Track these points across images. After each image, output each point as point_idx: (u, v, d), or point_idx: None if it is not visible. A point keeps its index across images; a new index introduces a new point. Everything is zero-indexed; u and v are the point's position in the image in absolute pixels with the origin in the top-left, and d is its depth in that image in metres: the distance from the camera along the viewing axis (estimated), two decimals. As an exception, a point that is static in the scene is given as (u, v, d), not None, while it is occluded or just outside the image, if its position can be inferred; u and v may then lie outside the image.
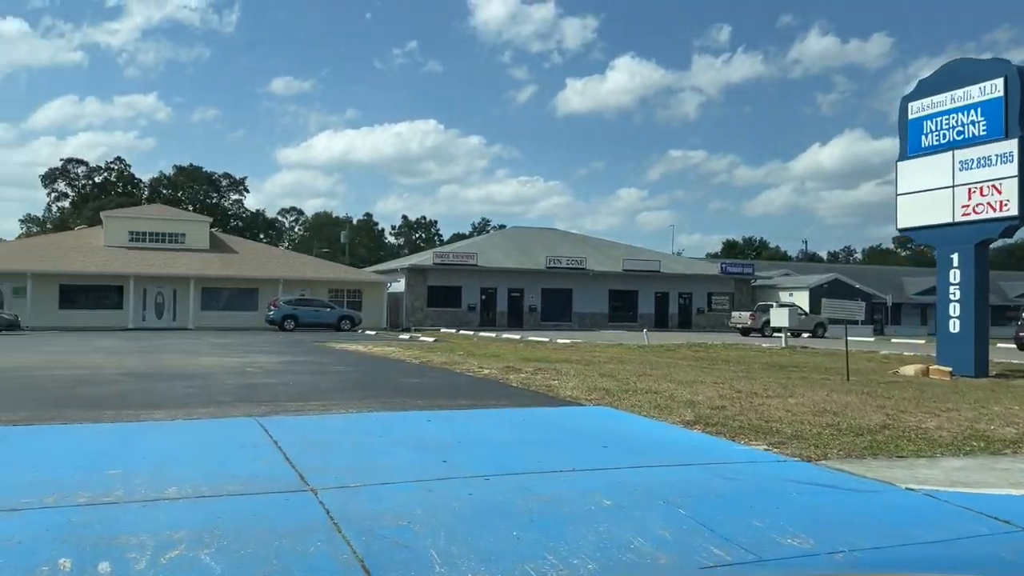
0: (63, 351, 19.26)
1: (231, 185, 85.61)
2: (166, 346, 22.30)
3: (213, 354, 18.68)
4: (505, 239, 54.46)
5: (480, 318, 47.02)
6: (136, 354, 18.14)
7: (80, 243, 42.61)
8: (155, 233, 43.51)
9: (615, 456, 6.74)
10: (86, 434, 7.11)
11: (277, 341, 27.07)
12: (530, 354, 20.63)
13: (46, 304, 38.32)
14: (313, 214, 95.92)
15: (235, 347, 22.35)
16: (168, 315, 41.28)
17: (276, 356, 18.18)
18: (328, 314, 39.95)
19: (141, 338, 28.17)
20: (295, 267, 44.78)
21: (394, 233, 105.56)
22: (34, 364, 14.58)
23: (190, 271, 40.56)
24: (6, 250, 40.65)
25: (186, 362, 15.61)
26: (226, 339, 28.25)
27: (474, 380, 12.87)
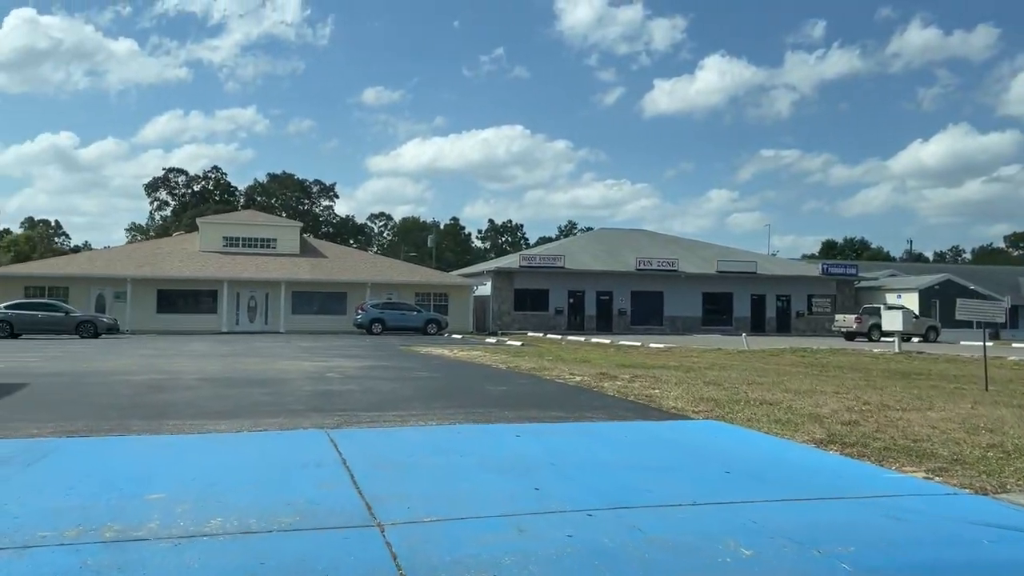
0: (151, 354, 19.21)
1: (322, 191, 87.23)
2: (252, 350, 22.12)
3: (296, 358, 18.25)
4: (593, 241, 53.19)
5: (567, 322, 45.91)
6: (220, 358, 17.87)
7: (177, 249, 43.70)
8: (248, 238, 44.23)
9: (742, 485, 5.58)
10: (139, 449, 6.42)
11: (362, 345, 26.69)
12: (623, 359, 19.42)
13: (145, 308, 39.33)
14: (401, 219, 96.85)
15: (319, 351, 21.98)
16: (260, 319, 41.80)
17: (359, 360, 17.58)
18: (415, 318, 39.62)
19: (231, 342, 28.31)
20: (382, 271, 44.74)
21: (480, 237, 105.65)
22: (117, 368, 14.34)
23: (281, 275, 40.96)
24: (108, 256, 42.02)
25: (267, 366, 15.14)
26: (313, 343, 28.08)
27: (566, 388, 11.82)
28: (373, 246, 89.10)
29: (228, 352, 20.71)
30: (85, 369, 14.03)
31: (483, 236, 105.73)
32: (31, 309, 31.72)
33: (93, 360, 16.67)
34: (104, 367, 14.64)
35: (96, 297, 39.25)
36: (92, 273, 38.49)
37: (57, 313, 31.79)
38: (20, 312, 31.36)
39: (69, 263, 40.62)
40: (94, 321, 32.04)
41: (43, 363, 15.81)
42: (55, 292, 38.36)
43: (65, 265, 40.07)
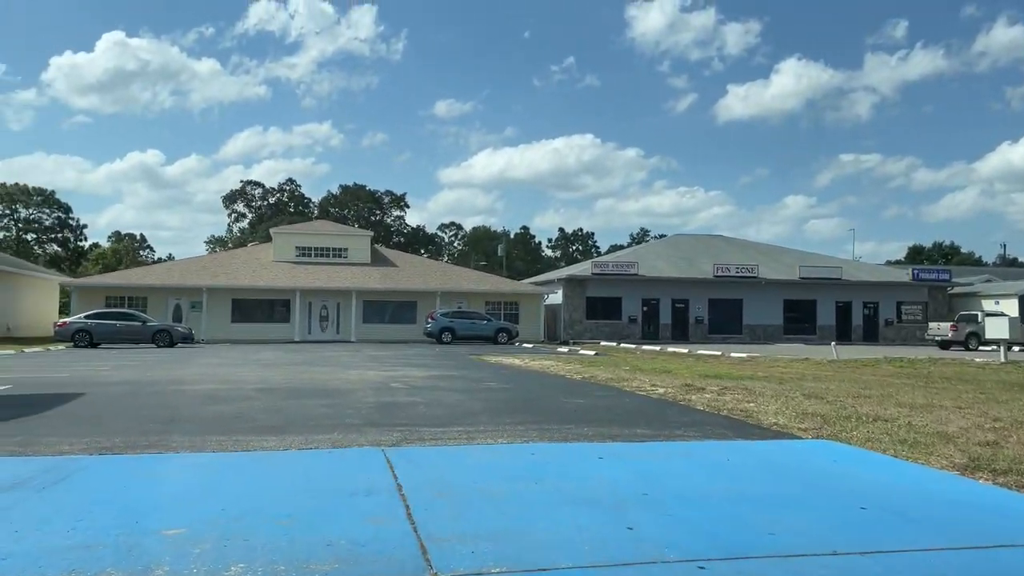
0: (218, 363, 18.91)
1: (393, 202, 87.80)
2: (320, 359, 21.68)
3: (363, 367, 17.64)
4: (667, 247, 51.63)
5: (641, 330, 44.51)
6: (285, 367, 17.39)
7: (251, 259, 44.14)
8: (319, 248, 44.37)
9: (887, 526, 4.47)
10: (171, 470, 5.69)
11: (431, 354, 26.05)
12: (706, 369, 18.17)
13: (220, 318, 39.73)
14: (471, 228, 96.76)
15: (387, 360, 21.39)
16: (332, 328, 41.78)
17: (426, 370, 16.85)
18: (485, 326, 38.94)
19: (301, 351, 28.08)
20: (453, 279, 44.25)
21: (551, 246, 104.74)
22: (180, 378, 13.92)
23: (352, 284, 40.87)
24: (185, 267, 42.71)
25: (331, 376, 14.51)
26: (382, 351, 27.61)
27: (649, 401, 10.74)
28: (444, 256, 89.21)
29: (295, 361, 20.29)
30: (148, 379, 13.65)
31: (553, 245, 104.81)
32: (110, 319, 32.23)
33: (160, 369, 16.39)
34: (167, 377, 14.25)
35: (173, 307, 39.85)
36: (169, 283, 39.11)
37: (134, 323, 32.21)
38: (99, 322, 31.88)
39: (147, 274, 41.43)
40: (170, 330, 32.36)
41: (110, 372, 15.57)
42: (134, 302, 39.10)
43: (144, 276, 40.86)
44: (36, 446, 6.33)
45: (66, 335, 31.43)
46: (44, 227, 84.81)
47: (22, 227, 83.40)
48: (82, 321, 31.96)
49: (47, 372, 15.53)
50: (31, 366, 18.27)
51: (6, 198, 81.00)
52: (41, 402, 9.45)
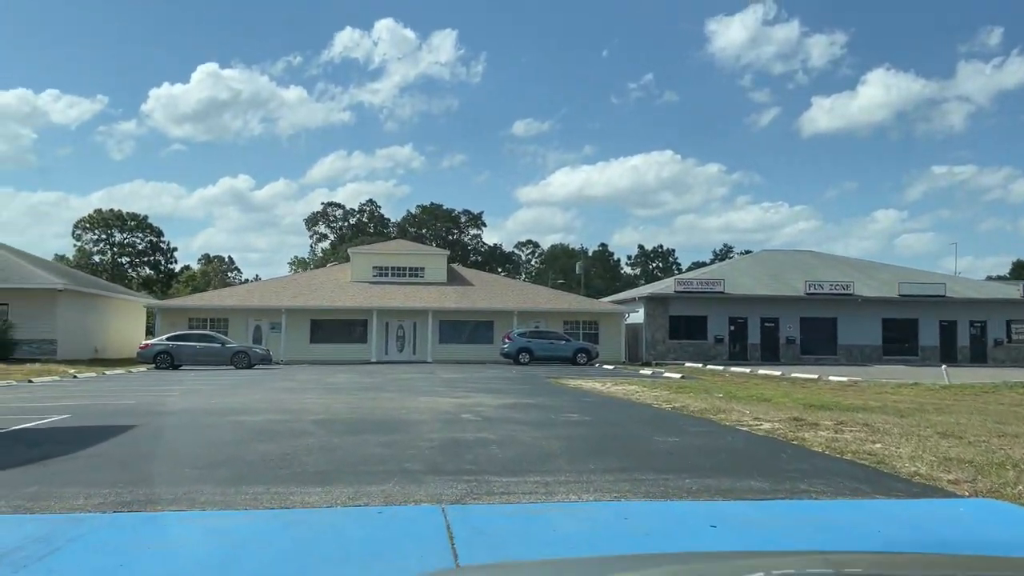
0: (287, 388, 18.28)
1: (470, 221, 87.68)
2: (392, 382, 20.86)
3: (435, 393, 16.67)
4: (755, 264, 49.36)
5: (728, 351, 42.45)
6: (354, 393, 16.56)
7: (329, 279, 44.16)
8: (396, 268, 44.05)
9: None
10: (187, 537, 4.71)
11: (508, 377, 24.98)
12: (808, 397, 16.48)
13: (298, 339, 39.71)
14: (549, 246, 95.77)
15: (461, 384, 20.40)
16: (408, 348, 41.27)
17: (501, 396, 15.74)
18: (563, 347, 37.70)
19: (375, 373, 27.43)
20: (530, 298, 43.21)
21: (630, 263, 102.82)
22: (241, 406, 13.19)
23: (428, 304, 40.30)
24: (265, 288, 43.01)
25: (399, 404, 13.56)
26: (457, 374, 26.70)
27: (755, 440, 9.33)
28: (521, 274, 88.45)
29: (367, 385, 19.51)
30: (209, 407, 12.98)
31: (633, 262, 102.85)
32: (190, 341, 32.39)
33: (226, 396, 15.80)
34: (229, 404, 13.57)
35: (254, 328, 40.05)
36: (250, 305, 39.33)
37: (214, 344, 32.28)
38: (180, 344, 32.07)
39: (229, 295, 41.86)
40: (248, 352, 32.30)
41: (175, 399, 15.04)
42: (216, 323, 39.44)
43: (226, 297, 41.27)
44: (46, 500, 5.48)
45: (148, 357, 31.71)
46: (137, 251, 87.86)
47: (117, 251, 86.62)
48: (164, 343, 32.23)
49: (115, 399, 15.11)
50: (104, 391, 18.01)
51: (102, 223, 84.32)
52: (84, 437, 8.77)
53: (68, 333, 33.79)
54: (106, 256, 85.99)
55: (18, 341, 32.11)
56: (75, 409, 12.53)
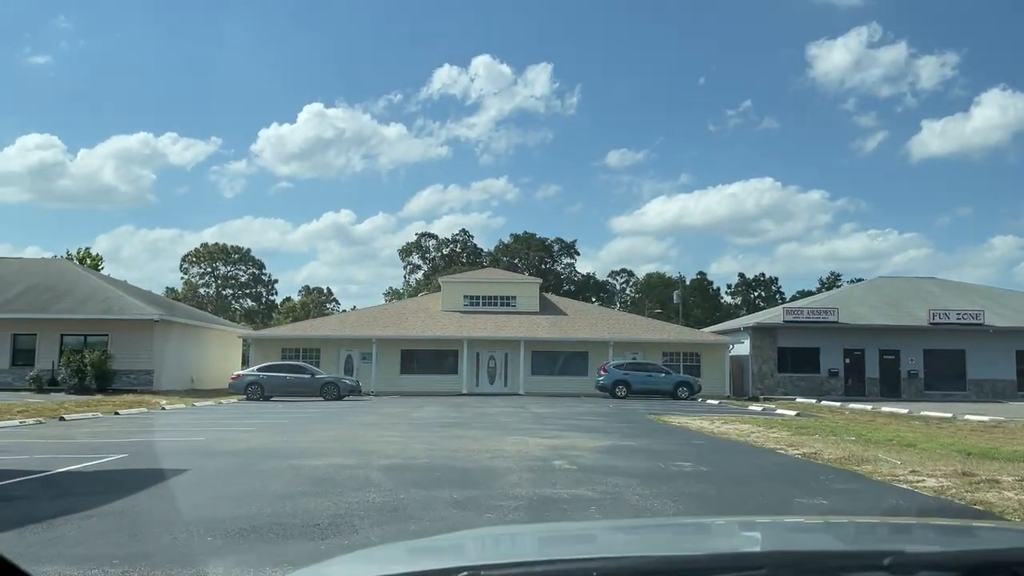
0: (367, 424, 17.09)
1: (563, 249, 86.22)
2: (480, 418, 19.44)
3: (525, 430, 15.13)
4: (871, 292, 45.82)
5: (843, 386, 39.23)
6: (437, 430, 15.18)
7: (420, 309, 43.45)
8: (487, 297, 42.94)
9: None
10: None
11: (604, 412, 23.18)
12: (955, 441, 14.08)
13: (389, 369, 38.98)
14: (644, 275, 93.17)
15: (554, 420, 18.77)
16: (500, 380, 39.95)
17: (598, 437, 14.04)
18: (663, 380, 35.56)
19: (463, 406, 26.13)
20: (626, 328, 41.25)
21: (730, 292, 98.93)
22: (310, 446, 11.99)
23: (519, 334, 38.93)
24: (356, 318, 42.65)
25: (484, 445, 12.07)
26: (549, 408, 25.08)
27: (927, 504, 7.35)
28: (615, 304, 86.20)
29: (451, 421, 18.15)
30: (276, 446, 11.85)
31: (733, 291, 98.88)
32: (280, 371, 31.98)
33: (301, 432, 14.72)
34: (300, 443, 12.42)
35: (345, 358, 39.59)
36: (341, 334, 38.92)
37: (303, 375, 31.77)
38: (271, 375, 31.68)
39: (321, 326, 41.66)
40: (337, 383, 31.64)
41: (247, 435, 14.04)
42: (308, 353, 39.16)
43: (318, 328, 41.08)
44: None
45: (240, 388, 31.44)
46: (240, 283, 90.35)
47: (221, 283, 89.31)
48: (255, 374, 31.93)
49: (186, 435, 14.24)
50: (182, 425, 17.30)
51: (207, 257, 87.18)
52: (120, 485, 7.68)
53: (165, 363, 34.03)
54: (211, 288, 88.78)
55: (117, 371, 32.46)
56: (138, 447, 11.62)
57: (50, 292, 34.21)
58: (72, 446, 11.82)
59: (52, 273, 36.34)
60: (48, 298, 33.66)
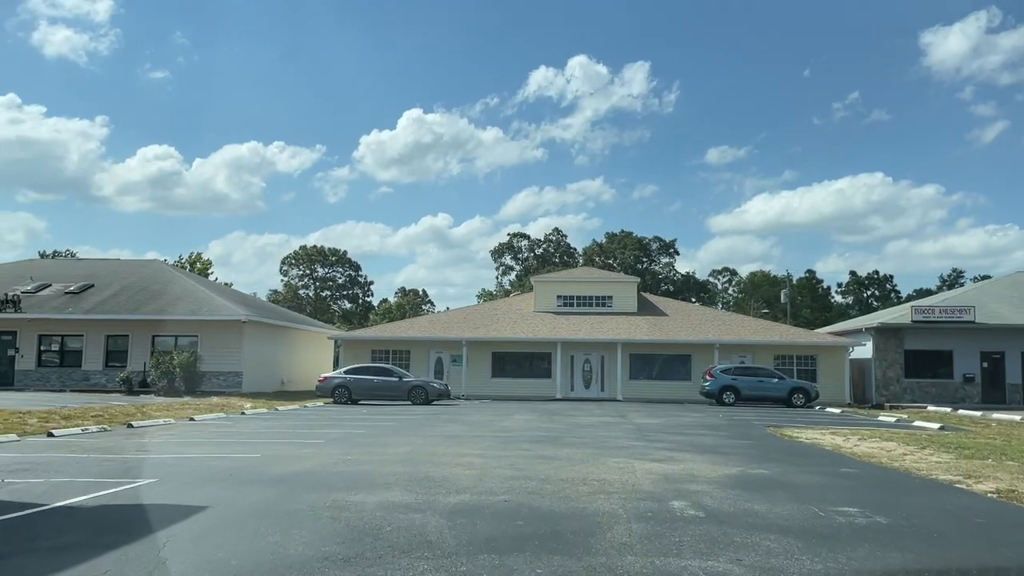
0: (447, 436, 15.18)
1: (661, 248, 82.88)
2: (574, 430, 17.25)
3: (627, 450, 12.87)
4: (1010, 289, 41.07)
5: (980, 392, 35.06)
6: (524, 447, 13.10)
7: (512, 310, 41.58)
8: (582, 297, 40.66)
9: None
10: None
11: (715, 424, 20.60)
12: None
13: (479, 372, 37.30)
14: (748, 273, 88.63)
15: (659, 434, 16.39)
16: (595, 384, 37.64)
17: (719, 461, 11.63)
18: (776, 386, 32.45)
19: (557, 413, 24.00)
20: (733, 329, 38.18)
21: (840, 291, 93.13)
22: (369, 470, 10.08)
23: (617, 335, 36.52)
24: (446, 320, 41.12)
25: (579, 473, 9.89)
26: (652, 418, 22.67)
27: None
28: (717, 304, 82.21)
29: (543, 434, 16.04)
30: (331, 469, 10.03)
31: (844, 290, 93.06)
32: (368, 374, 30.69)
33: (369, 447, 12.93)
34: (362, 464, 10.57)
35: (435, 360, 38.17)
36: (431, 336, 37.47)
37: (391, 378, 30.36)
38: (358, 377, 30.43)
39: (411, 327, 40.33)
40: (425, 387, 30.10)
41: (309, 451, 12.34)
42: (398, 355, 37.95)
43: (407, 329, 39.76)
44: None
45: (327, 391, 30.33)
46: (338, 285, 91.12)
47: (319, 285, 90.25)
48: (341, 376, 30.75)
49: (244, 449, 12.68)
50: (250, 435, 15.86)
51: (305, 259, 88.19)
52: (106, 532, 5.95)
53: (254, 365, 33.32)
54: (310, 290, 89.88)
55: (206, 373, 31.90)
56: (177, 468, 10.02)
57: (143, 293, 34.05)
58: (107, 465, 10.33)
59: (146, 275, 36.30)
60: (140, 299, 33.48)
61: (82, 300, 33.35)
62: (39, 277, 35.69)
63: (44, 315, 32.06)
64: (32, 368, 32.69)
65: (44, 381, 32.29)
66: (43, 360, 32.92)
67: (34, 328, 32.56)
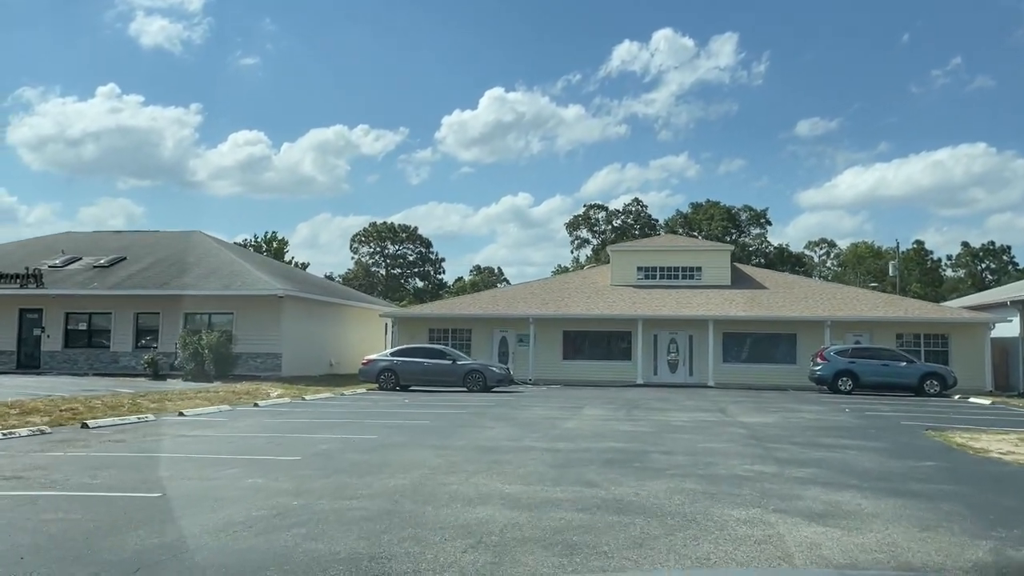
0: (496, 440, 10.86)
1: (751, 219, 76.53)
2: (659, 438, 12.64)
3: (749, 482, 8.25)
4: None
5: None
6: (585, 473, 8.60)
7: (586, 284, 36.92)
8: (666, 268, 35.68)
9: None
10: None
11: (849, 425, 15.65)
12: None
13: (549, 353, 32.97)
14: (849, 244, 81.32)
15: (784, 445, 11.62)
16: (683, 368, 32.80)
17: (921, 510, 6.92)
18: (904, 371, 27.08)
19: (637, 407, 19.41)
20: (846, 304, 32.64)
21: (950, 264, 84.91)
22: (414, 483, 5.88)
23: (708, 311, 31.55)
24: (512, 295, 36.78)
25: (683, 550, 5.43)
26: (759, 414, 17.86)
27: None
28: (816, 278, 75.52)
29: (619, 444, 11.51)
30: (349, 490, 5.90)
31: (954, 263, 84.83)
32: (418, 356, 26.74)
33: (361, 470, 8.65)
34: (395, 477, 6.35)
35: (499, 340, 34.02)
36: (494, 313, 33.28)
37: (444, 361, 26.31)
38: (406, 360, 26.51)
39: (472, 303, 36.21)
40: (484, 371, 25.95)
41: (318, 462, 8.21)
42: (458, 335, 33.97)
43: (468, 305, 35.66)
44: None
45: (371, 375, 26.50)
46: (408, 262, 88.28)
47: (390, 263, 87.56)
48: (388, 359, 26.85)
49: (269, 450, 8.62)
50: (254, 433, 11.92)
51: (375, 236, 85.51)
52: None
53: (295, 346, 29.78)
54: (381, 268, 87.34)
55: (241, 355, 28.54)
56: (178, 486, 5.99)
57: (176, 267, 30.89)
58: None
59: (183, 247, 33.20)
60: (172, 273, 30.32)
61: (110, 274, 30.41)
62: (71, 250, 33.02)
63: (67, 291, 29.21)
64: (59, 349, 29.96)
65: (72, 364, 29.53)
66: (70, 340, 30.17)
67: (60, 306, 29.81)
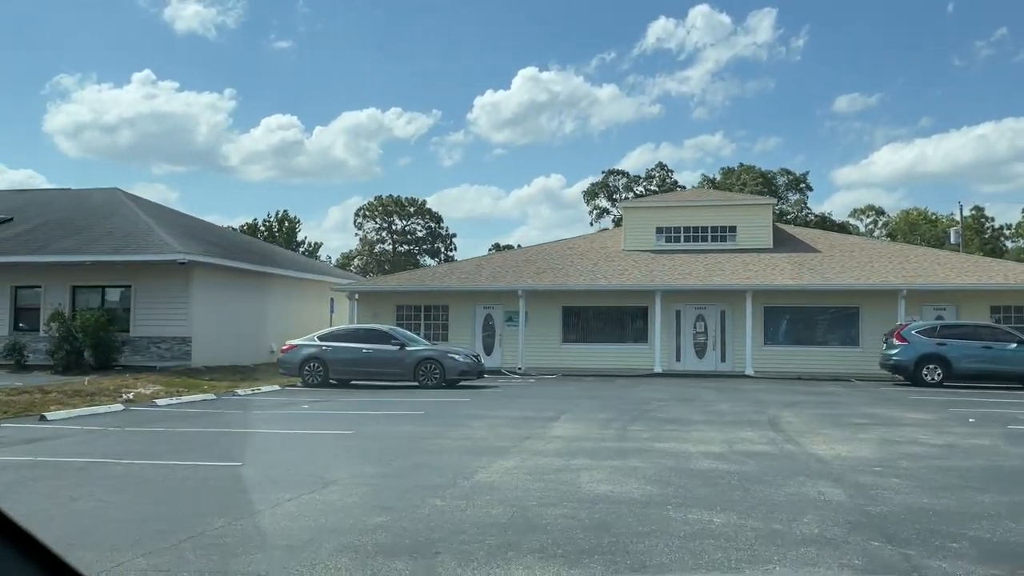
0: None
1: (790, 184, 68.75)
2: (671, 498, 5.77)
3: None
4: None
5: None
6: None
7: (592, 248, 29.79)
8: (692, 228, 28.41)
9: None
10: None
11: (993, 449, 8.54)
12: None
13: (544, 335, 26.13)
14: (900, 211, 73.18)
15: (916, 513, 4.73)
16: (713, 352, 25.77)
17: None
18: (1015, 355, 19.88)
19: (644, 413, 12.45)
20: (922, 269, 25.28)
21: (1011, 234, 76.71)
22: None
23: (745, 280, 24.44)
24: (500, 263, 29.82)
25: None
26: (838, 434, 10.82)
27: None
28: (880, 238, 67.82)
29: (580, 507, 4.65)
30: None
31: (1015, 233, 76.70)
32: (355, 340, 20.02)
33: None
34: None
35: (483, 318, 27.24)
36: (477, 286, 26.43)
37: (388, 346, 19.54)
38: (337, 345, 19.78)
39: (449, 273, 29.37)
40: (440, 360, 19.10)
41: None
42: (432, 312, 27.28)
43: (444, 276, 28.81)
44: None
45: (292, 367, 19.82)
46: (416, 238, 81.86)
47: (397, 238, 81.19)
48: (315, 345, 20.08)
49: None
50: None
51: (381, 211, 79.07)
52: None
53: (211, 328, 23.08)
54: (387, 244, 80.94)
55: (137, 340, 22.02)
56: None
57: (65, 228, 24.34)
58: None
59: (87, 206, 26.70)
60: (57, 235, 23.79)
61: (-18, 238, 23.95)
62: (-48, 211, 26.61)
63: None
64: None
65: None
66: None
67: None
